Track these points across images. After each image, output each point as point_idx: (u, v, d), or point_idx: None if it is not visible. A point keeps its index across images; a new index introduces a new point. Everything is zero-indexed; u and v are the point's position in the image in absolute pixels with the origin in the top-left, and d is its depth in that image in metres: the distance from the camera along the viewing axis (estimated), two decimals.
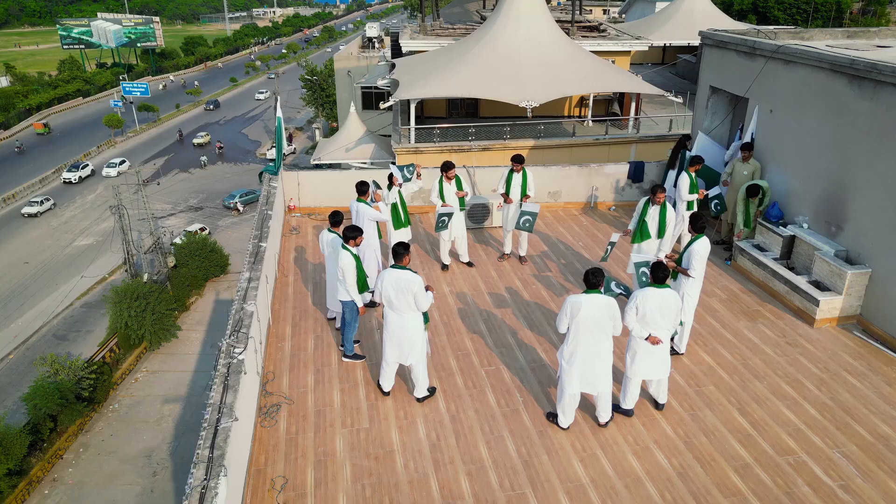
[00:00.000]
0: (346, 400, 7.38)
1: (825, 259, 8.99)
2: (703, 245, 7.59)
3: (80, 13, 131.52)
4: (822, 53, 9.18)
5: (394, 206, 9.54)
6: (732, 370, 8.01)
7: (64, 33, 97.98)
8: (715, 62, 11.91)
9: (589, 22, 27.95)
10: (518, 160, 10.20)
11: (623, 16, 49.20)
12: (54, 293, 40.55)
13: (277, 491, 6.10)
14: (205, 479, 4.97)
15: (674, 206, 10.05)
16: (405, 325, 6.97)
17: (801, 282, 9.15)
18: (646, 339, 6.73)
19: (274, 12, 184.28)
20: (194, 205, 52.80)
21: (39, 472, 26.97)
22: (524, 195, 10.23)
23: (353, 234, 7.46)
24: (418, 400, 7.35)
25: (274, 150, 59.09)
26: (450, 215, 9.90)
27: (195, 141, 65.11)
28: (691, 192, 10.26)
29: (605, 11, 63.27)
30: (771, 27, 20.38)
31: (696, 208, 10.45)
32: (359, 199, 8.82)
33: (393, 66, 22.78)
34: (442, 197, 9.99)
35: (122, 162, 59.10)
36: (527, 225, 10.08)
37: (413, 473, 6.36)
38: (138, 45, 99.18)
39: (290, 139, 63.86)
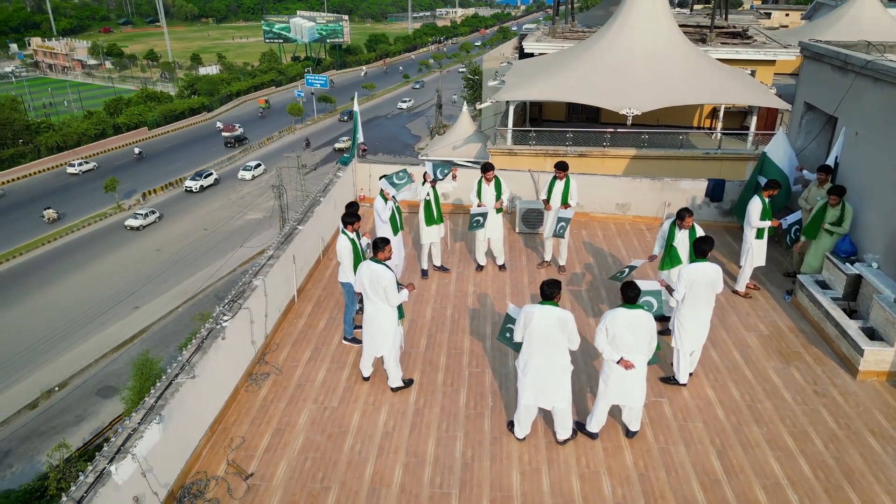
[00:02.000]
0: (327, 378, 7.87)
1: (882, 304, 7.90)
2: (691, 270, 7.08)
3: (287, 10, 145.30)
4: None
5: (426, 202, 9.83)
6: (733, 410, 7.37)
7: (267, 28, 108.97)
8: (812, 76, 10.78)
9: (733, 27, 25.87)
10: (561, 167, 10.05)
11: (805, 21, 44.77)
12: (222, 258, 45.64)
13: (231, 448, 6.73)
14: (138, 424, 5.70)
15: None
16: (378, 317, 7.29)
17: (852, 326, 8.12)
18: (617, 362, 6.48)
19: (455, 12, 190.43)
20: None
21: None
22: (564, 202, 10.07)
23: (349, 220, 7.94)
24: (392, 390, 7.65)
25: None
26: (484, 216, 10.00)
27: (336, 146, 66.03)
28: (763, 218, 9.38)
29: (802, 16, 58.18)
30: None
31: (765, 238, 9.57)
32: (380, 194, 9.28)
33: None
34: (479, 197, 10.12)
35: (258, 165, 60.32)
36: (561, 231, 9.92)
37: (355, 455, 6.68)
38: (327, 41, 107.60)
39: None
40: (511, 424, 7.04)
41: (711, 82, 19.03)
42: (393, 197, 9.36)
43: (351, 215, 7.99)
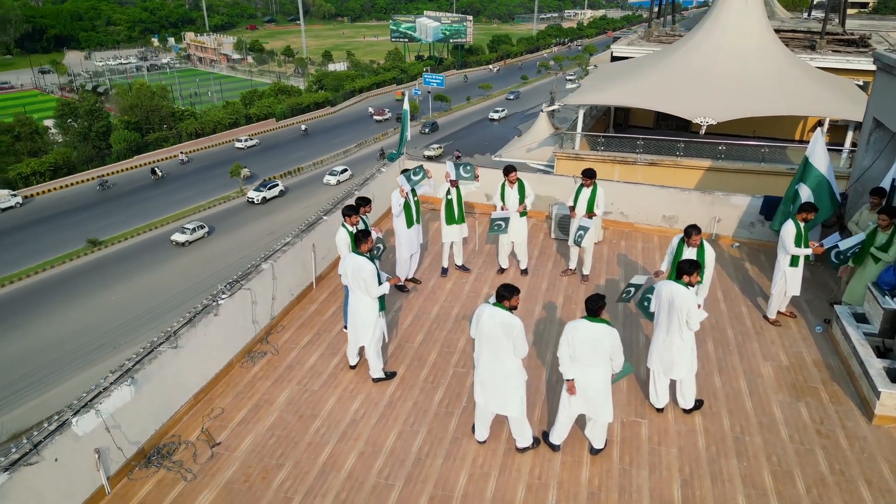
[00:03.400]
0: (317, 363, 8.20)
1: None
2: (659, 284, 6.77)
3: (416, 10, 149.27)
4: None
5: (448, 201, 9.94)
6: (715, 440, 6.93)
7: (394, 28, 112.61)
8: (882, 90, 9.77)
9: (850, 34, 23.52)
10: (588, 174, 9.82)
11: None
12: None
13: (209, 417, 7.22)
14: (110, 384, 6.28)
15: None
16: (360, 307, 7.52)
17: (875, 365, 7.36)
18: (567, 380, 6.36)
19: (584, 14, 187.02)
20: None
21: None
22: (589, 210, 9.83)
23: (348, 213, 8.21)
24: (373, 380, 7.85)
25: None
26: (506, 220, 9.94)
27: (426, 153, 62.01)
28: (797, 243, 8.64)
29: None
30: None
31: (801, 265, 8.80)
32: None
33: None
34: (503, 200, 10.09)
35: (344, 171, 58.77)
36: (578, 239, 9.70)
37: (317, 438, 6.95)
38: (450, 40, 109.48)
39: None
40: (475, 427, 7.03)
41: (804, 92, 17.53)
42: (411, 191, 9.56)
43: (350, 208, 8.27)
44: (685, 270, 6.67)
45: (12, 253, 46.65)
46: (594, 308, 6.20)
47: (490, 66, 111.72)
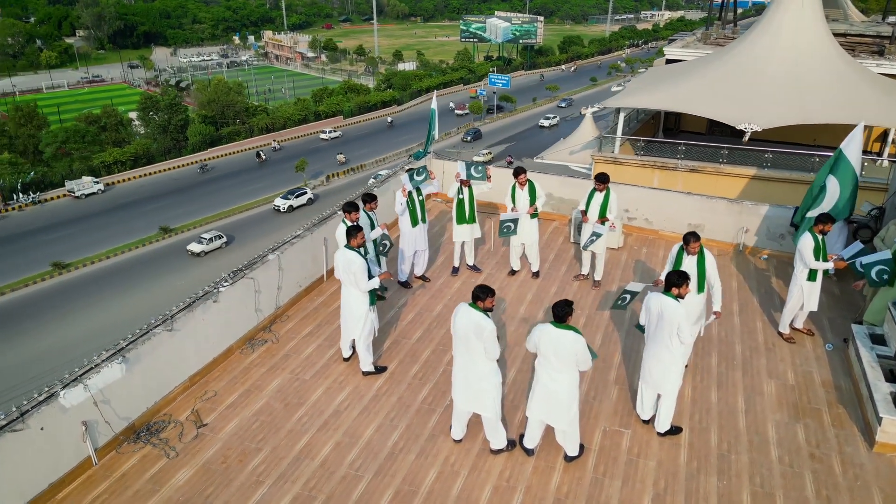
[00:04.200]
0: (312, 354, 8.40)
1: None
2: (648, 297, 6.59)
3: (489, 10, 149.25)
4: None
5: (460, 201, 9.97)
6: (697, 456, 6.70)
7: (464, 28, 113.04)
8: None
9: None
10: (601, 179, 9.64)
11: None
12: None
13: (201, 399, 7.52)
14: (102, 362, 6.64)
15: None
16: (350, 301, 7.68)
17: (882, 389, 6.94)
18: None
19: (661, 15, 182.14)
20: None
21: None
22: (602, 215, 9.65)
23: (349, 209, 8.36)
24: (363, 373, 7.98)
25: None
26: (515, 221, 9.88)
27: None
28: (816, 257, 8.21)
29: None
30: None
31: (818, 279, 8.35)
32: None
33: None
34: (513, 201, 10.03)
35: (389, 176, 59.60)
36: (588, 244, 9.55)
37: (298, 426, 7.12)
38: (520, 41, 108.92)
39: None
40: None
41: (864, 100, 16.46)
42: (414, 189, 9.64)
43: (350, 204, 8.41)
44: (673, 282, 6.47)
45: (94, 236, 49.74)
46: (560, 314, 6.11)
47: (563, 67, 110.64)
